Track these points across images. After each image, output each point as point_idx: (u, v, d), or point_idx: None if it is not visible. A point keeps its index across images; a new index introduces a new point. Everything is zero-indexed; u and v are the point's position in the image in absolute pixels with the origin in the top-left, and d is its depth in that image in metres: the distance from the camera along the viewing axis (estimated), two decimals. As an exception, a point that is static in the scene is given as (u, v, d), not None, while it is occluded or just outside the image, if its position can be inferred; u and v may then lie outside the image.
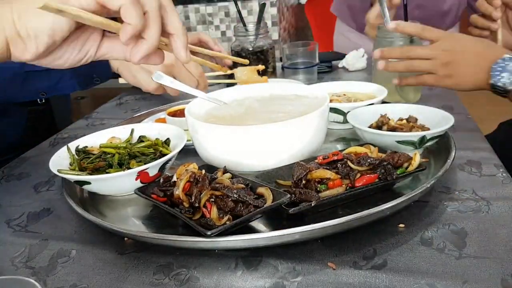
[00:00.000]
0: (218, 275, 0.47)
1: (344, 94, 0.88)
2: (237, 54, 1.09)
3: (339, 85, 0.91)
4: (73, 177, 0.60)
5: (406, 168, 0.57)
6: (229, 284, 0.45)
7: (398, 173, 0.56)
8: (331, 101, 0.82)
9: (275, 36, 2.48)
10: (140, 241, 0.53)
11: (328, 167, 0.56)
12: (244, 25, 1.08)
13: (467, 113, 0.86)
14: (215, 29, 2.52)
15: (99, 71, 0.91)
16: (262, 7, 1.06)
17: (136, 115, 0.93)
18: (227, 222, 0.49)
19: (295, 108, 0.71)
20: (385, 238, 0.50)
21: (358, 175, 0.54)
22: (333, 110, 0.78)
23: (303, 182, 0.54)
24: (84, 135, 0.74)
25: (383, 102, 0.82)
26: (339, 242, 0.50)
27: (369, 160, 0.56)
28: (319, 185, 0.54)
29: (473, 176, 0.62)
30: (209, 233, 0.46)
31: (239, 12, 1.10)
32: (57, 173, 0.60)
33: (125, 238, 0.54)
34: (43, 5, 0.37)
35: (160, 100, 1.10)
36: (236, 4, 1.11)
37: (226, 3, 2.44)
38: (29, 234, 0.58)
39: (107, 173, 0.61)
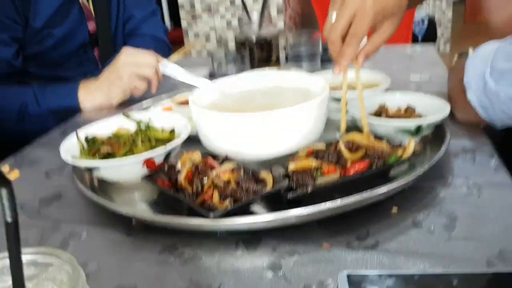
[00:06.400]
0: (220, 254, 0.50)
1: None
2: (241, 43, 1.11)
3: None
4: (83, 163, 0.63)
5: (401, 156, 0.59)
6: (230, 262, 0.49)
7: (391, 160, 0.58)
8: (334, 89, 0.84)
9: (280, 24, 2.48)
10: (146, 223, 0.56)
11: (317, 156, 0.59)
12: (248, 13, 1.10)
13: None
14: (220, 18, 2.53)
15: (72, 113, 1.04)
16: (266, -4, 1.08)
17: (143, 106, 0.96)
18: (228, 206, 0.51)
19: (297, 97, 0.73)
20: (378, 220, 0.53)
21: (349, 162, 0.57)
22: (336, 99, 0.80)
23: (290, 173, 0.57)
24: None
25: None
26: (335, 224, 0.53)
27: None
28: (314, 172, 0.57)
29: (467, 164, 0.64)
30: (211, 215, 0.49)
31: (242, 1, 1.11)
32: (68, 159, 0.63)
33: (133, 221, 0.57)
34: None
35: (165, 88, 1.13)
36: (239, -6, 1.12)
37: (231, -8, 2.45)
38: (41, 217, 0.62)
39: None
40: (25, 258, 0.27)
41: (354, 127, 0.79)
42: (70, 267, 0.26)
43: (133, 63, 1.00)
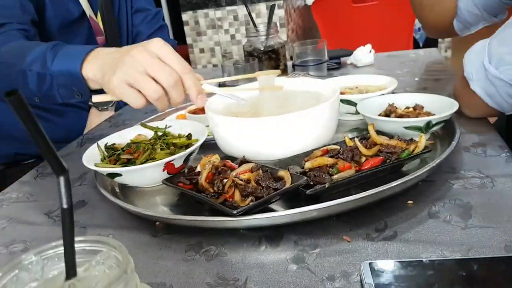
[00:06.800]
0: (244, 250, 0.52)
1: (357, 87, 0.93)
2: (249, 54, 1.14)
3: (352, 79, 0.96)
4: (106, 169, 0.66)
5: (413, 150, 0.61)
6: (254, 257, 0.50)
7: (404, 155, 0.60)
8: (344, 93, 0.86)
9: (283, 37, 2.53)
10: (170, 224, 0.58)
11: (331, 155, 0.61)
12: (255, 26, 1.13)
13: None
14: (225, 33, 2.58)
15: (75, 84, 0.78)
16: (272, 8, 1.11)
17: (157, 115, 0.99)
18: (250, 203, 0.53)
19: (308, 101, 0.75)
20: (395, 213, 0.54)
21: (364, 158, 0.59)
22: (346, 101, 0.82)
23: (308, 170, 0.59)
24: (109, 134, 0.79)
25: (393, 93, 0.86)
26: (353, 218, 0.54)
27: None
28: (331, 169, 0.59)
29: (478, 157, 0.66)
30: (235, 212, 0.51)
31: (249, 14, 1.15)
32: (92, 167, 0.66)
33: (157, 223, 0.59)
34: None
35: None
36: (246, 7, 1.16)
37: (234, 7, 2.50)
38: (68, 224, 0.64)
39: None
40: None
41: (364, 128, 0.81)
42: (119, 253, 0.28)
43: (155, 56, 0.64)
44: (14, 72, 0.82)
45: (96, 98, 0.71)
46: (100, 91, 0.74)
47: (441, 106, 0.74)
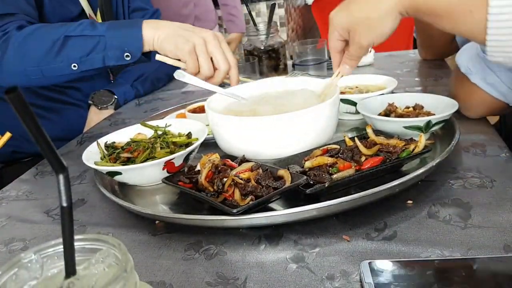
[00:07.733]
0: (244, 249, 0.52)
1: (357, 87, 0.93)
2: (249, 53, 1.14)
3: (352, 78, 0.95)
4: (106, 168, 0.66)
5: (412, 150, 0.61)
6: (254, 256, 0.50)
7: (404, 155, 0.60)
8: (344, 93, 0.86)
9: (283, 36, 2.53)
10: (170, 223, 0.58)
11: (331, 155, 0.62)
12: (255, 25, 1.13)
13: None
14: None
15: (130, 44, 0.86)
16: (272, 7, 1.11)
17: (157, 113, 0.99)
18: (250, 202, 0.53)
19: (308, 100, 0.75)
20: (395, 212, 0.54)
21: (364, 157, 0.59)
22: (346, 101, 0.82)
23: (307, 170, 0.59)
24: (108, 133, 0.79)
25: (392, 92, 0.86)
26: (353, 217, 0.54)
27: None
28: (330, 169, 0.59)
29: (478, 157, 0.66)
30: (234, 211, 0.51)
31: (250, 13, 1.15)
32: (92, 165, 0.66)
33: (156, 222, 0.59)
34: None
35: (177, 99, 1.16)
36: (247, 6, 1.16)
37: (234, 6, 2.50)
38: (67, 222, 0.64)
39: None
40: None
41: (364, 128, 0.81)
42: (119, 252, 0.28)
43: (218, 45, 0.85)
44: (51, 40, 0.88)
45: (159, 57, 0.85)
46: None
47: (441, 106, 0.74)
